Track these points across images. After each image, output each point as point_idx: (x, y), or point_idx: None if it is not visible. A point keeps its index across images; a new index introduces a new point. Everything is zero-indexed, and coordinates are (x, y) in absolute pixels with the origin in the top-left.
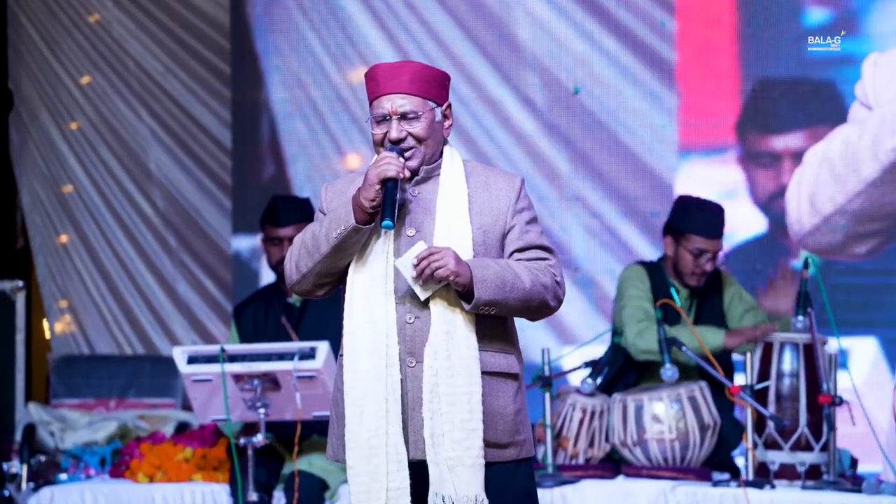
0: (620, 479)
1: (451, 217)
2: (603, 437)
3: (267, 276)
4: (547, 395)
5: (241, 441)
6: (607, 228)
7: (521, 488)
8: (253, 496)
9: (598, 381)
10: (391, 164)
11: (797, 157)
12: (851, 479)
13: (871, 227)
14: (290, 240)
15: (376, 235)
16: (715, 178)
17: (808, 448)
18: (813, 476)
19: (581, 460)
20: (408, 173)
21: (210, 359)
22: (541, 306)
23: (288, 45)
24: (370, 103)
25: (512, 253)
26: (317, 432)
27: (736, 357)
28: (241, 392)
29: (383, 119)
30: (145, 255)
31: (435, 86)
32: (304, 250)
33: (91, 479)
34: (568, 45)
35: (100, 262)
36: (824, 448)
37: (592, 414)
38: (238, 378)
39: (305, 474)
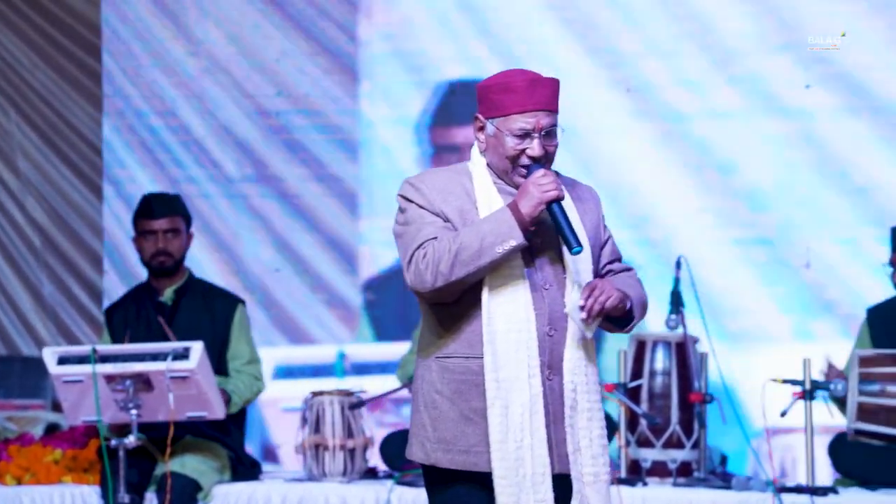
0: None
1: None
2: None
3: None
4: None
5: (113, 442)
6: None
7: None
8: (124, 498)
9: None
10: (556, 185)
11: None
12: (721, 476)
13: None
14: (164, 232)
15: None
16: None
17: (680, 445)
18: (684, 473)
19: None
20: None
21: (81, 359)
22: (642, 320)
23: (146, 45)
24: (505, 115)
25: (605, 265)
26: (190, 433)
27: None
28: (112, 393)
29: (525, 134)
30: (10, 255)
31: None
32: (455, 259)
33: None
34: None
35: None
36: (695, 445)
37: None
38: (110, 378)
39: (178, 475)
